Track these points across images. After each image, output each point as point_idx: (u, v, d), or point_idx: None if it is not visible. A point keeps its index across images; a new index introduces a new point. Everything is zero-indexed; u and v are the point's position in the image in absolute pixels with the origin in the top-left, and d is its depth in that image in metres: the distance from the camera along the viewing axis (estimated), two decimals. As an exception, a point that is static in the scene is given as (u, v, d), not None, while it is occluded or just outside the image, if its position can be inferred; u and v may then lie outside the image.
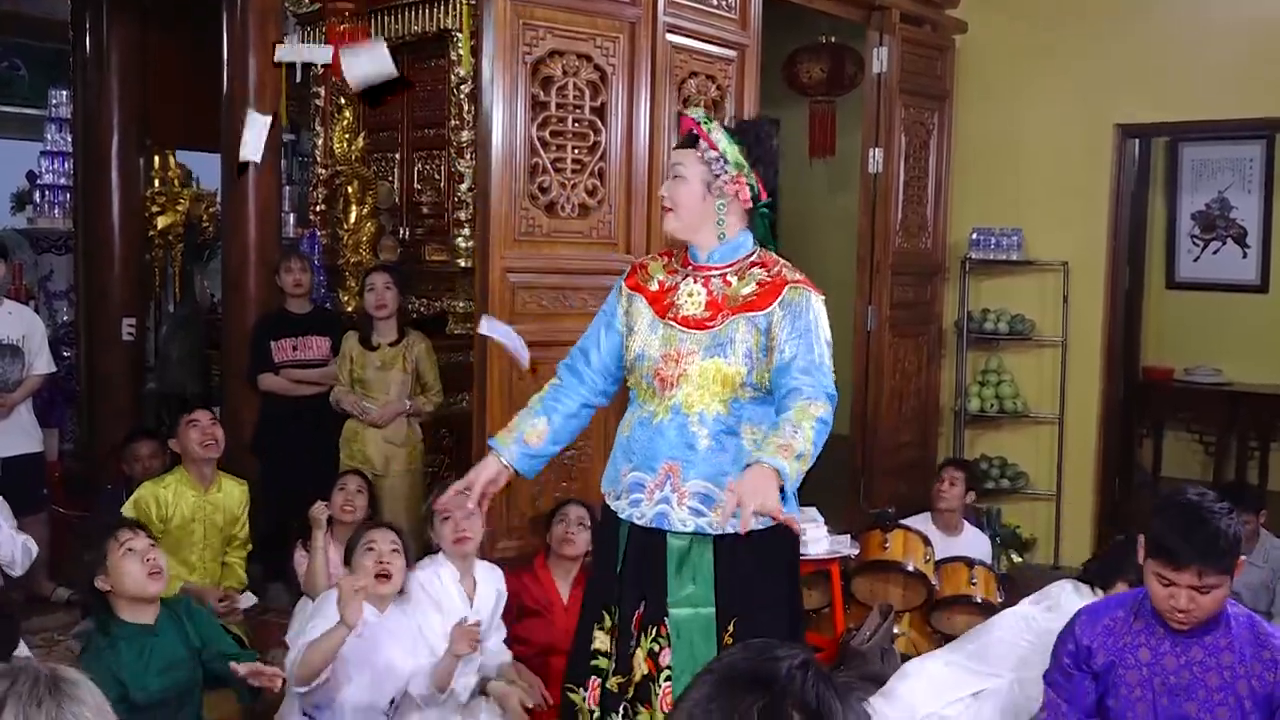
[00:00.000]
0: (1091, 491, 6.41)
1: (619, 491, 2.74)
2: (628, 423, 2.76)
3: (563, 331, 4.34)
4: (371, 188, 5.66)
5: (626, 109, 4.48)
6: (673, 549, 2.65)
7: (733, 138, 2.64)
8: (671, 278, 2.76)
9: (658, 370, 2.66)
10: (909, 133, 6.23)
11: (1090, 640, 2.63)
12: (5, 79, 9.67)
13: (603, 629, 2.76)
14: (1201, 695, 2.50)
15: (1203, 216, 7.91)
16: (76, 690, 1.47)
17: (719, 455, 2.60)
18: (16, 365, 4.97)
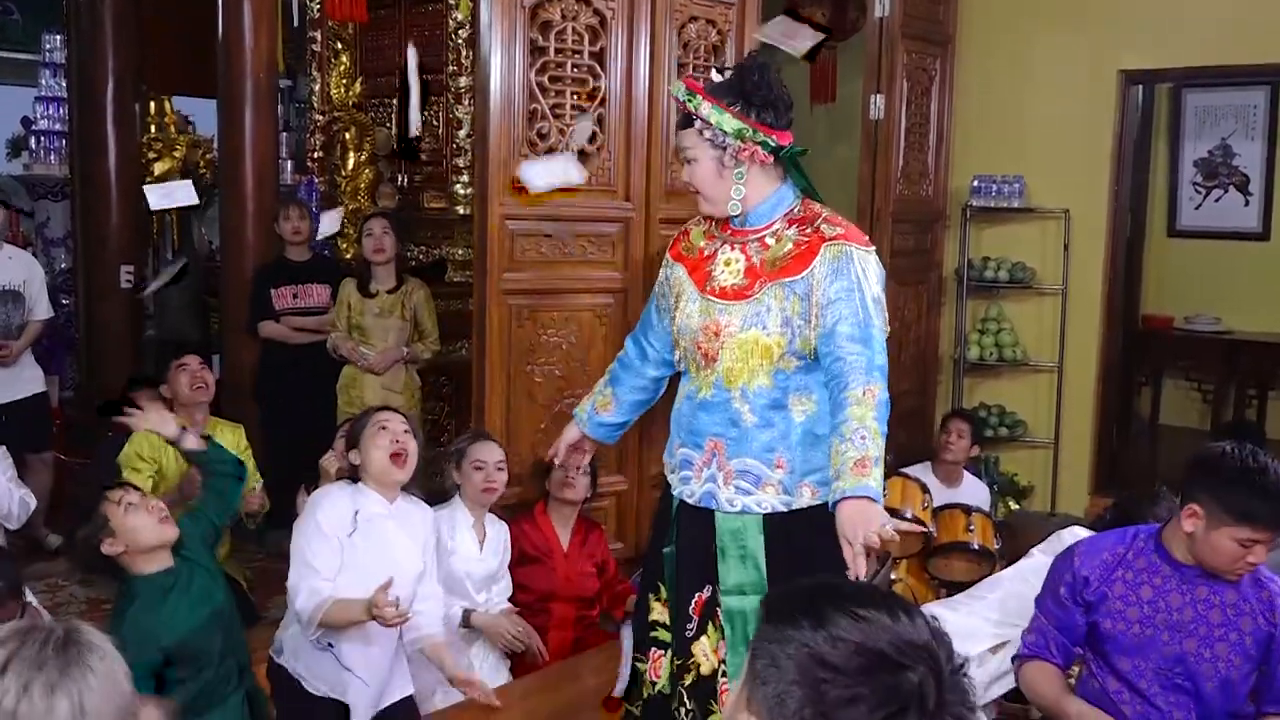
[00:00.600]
0: (1089, 440, 6.42)
1: (672, 466, 2.67)
2: (680, 395, 2.69)
3: (561, 279, 4.35)
4: (369, 134, 5.63)
5: (626, 54, 4.43)
6: (722, 529, 2.55)
7: (720, 103, 2.46)
8: (711, 244, 2.64)
9: (698, 344, 2.56)
10: (911, 79, 6.17)
11: (1089, 572, 2.64)
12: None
13: (659, 600, 2.70)
14: (1203, 632, 2.53)
15: (1205, 164, 7.87)
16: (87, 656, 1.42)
17: (765, 432, 2.50)
18: (18, 311, 5.02)
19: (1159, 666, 2.57)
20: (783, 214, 2.55)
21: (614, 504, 4.63)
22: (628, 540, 4.65)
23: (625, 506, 4.65)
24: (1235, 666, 2.51)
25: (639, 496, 4.65)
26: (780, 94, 2.52)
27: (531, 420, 4.35)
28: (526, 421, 4.33)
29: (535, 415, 4.36)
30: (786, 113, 2.53)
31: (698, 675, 2.57)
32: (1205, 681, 2.53)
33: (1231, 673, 2.52)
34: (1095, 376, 6.40)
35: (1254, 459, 2.47)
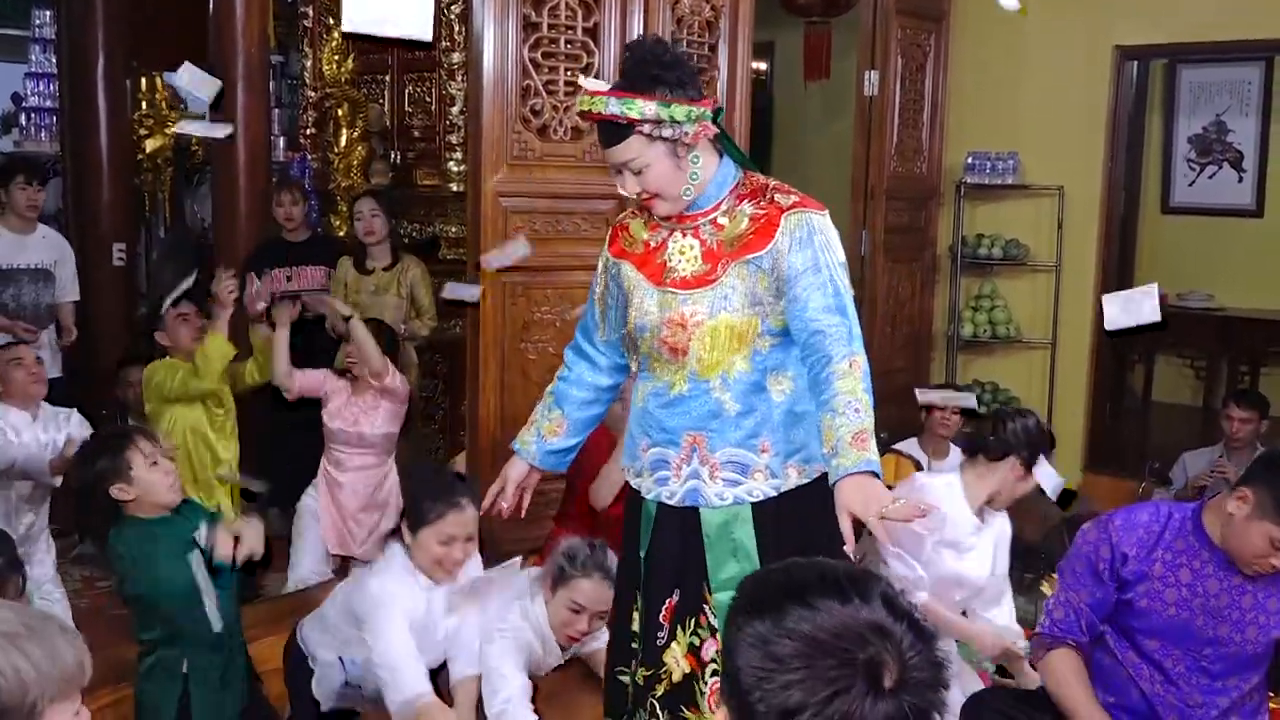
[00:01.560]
0: (1083, 416, 6.43)
1: (639, 469, 2.51)
2: (640, 395, 2.51)
3: (555, 256, 4.33)
4: (362, 111, 5.60)
5: (620, 30, 4.40)
6: (709, 524, 2.41)
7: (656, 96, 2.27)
8: (656, 234, 2.47)
9: (663, 339, 2.40)
10: (905, 55, 6.15)
11: (1128, 548, 2.59)
12: (-13, -1, 9.49)
13: (637, 609, 2.55)
14: (1235, 617, 2.53)
15: (1199, 140, 7.85)
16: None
17: (748, 418, 2.38)
18: (49, 290, 5.07)
19: (1190, 649, 2.56)
20: (729, 190, 2.41)
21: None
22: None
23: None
24: (1260, 644, 2.54)
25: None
26: (688, 63, 2.39)
27: (526, 398, 4.33)
28: (521, 399, 4.32)
29: (529, 393, 4.34)
30: (699, 79, 2.40)
31: (670, 684, 2.45)
32: (1231, 661, 2.54)
33: (1259, 649, 2.55)
34: (1088, 353, 6.41)
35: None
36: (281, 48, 7.09)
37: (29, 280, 5.02)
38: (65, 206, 6.98)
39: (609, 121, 2.30)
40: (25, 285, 5.01)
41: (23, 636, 1.39)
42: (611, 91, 2.30)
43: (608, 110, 2.27)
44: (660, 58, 2.30)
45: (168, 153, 7.39)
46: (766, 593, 1.26)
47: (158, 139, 7.35)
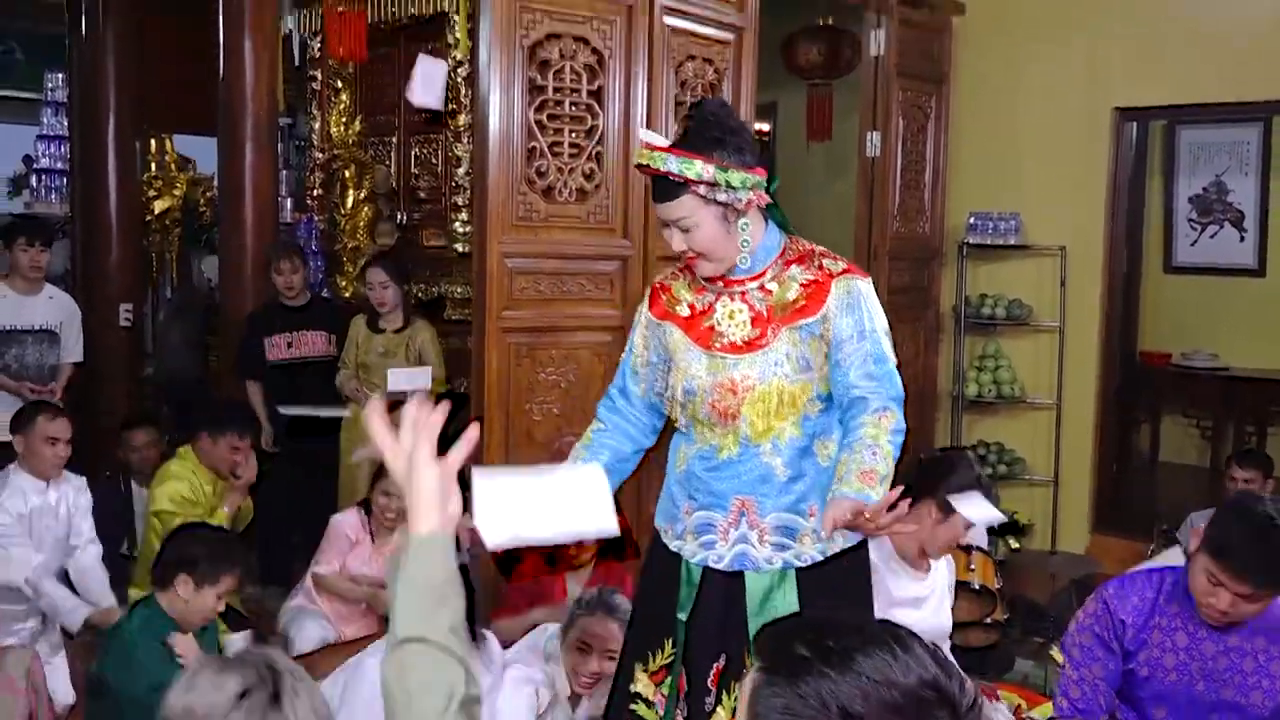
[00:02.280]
0: (1089, 476, 6.37)
1: (681, 531, 2.47)
2: (683, 456, 2.49)
3: (560, 317, 4.32)
4: (369, 172, 5.62)
5: (624, 92, 4.43)
6: (753, 591, 2.39)
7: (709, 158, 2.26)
8: (702, 297, 2.45)
9: (713, 404, 2.38)
10: (906, 116, 6.18)
11: (1125, 616, 2.56)
12: (1, 63, 9.61)
13: (646, 671, 2.50)
14: (1238, 681, 2.48)
15: (1200, 200, 7.87)
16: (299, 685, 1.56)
17: (797, 483, 2.38)
18: (53, 352, 5.08)
19: (1196, 715, 2.51)
20: (777, 255, 2.41)
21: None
22: (626, 579, 4.60)
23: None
24: (1268, 708, 2.47)
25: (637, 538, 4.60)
26: (749, 130, 2.43)
27: (531, 458, 4.31)
28: (526, 459, 4.28)
29: (534, 454, 4.32)
30: (758, 148, 2.41)
31: None
32: None
33: (1265, 712, 2.48)
34: (1094, 413, 6.37)
35: (1270, 515, 2.36)
36: (290, 110, 7.16)
37: (33, 341, 5.02)
38: (73, 267, 7.01)
39: (664, 178, 2.29)
40: (29, 346, 5.01)
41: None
42: (671, 149, 2.29)
43: (665, 167, 2.27)
44: (724, 122, 2.31)
45: (176, 214, 7.44)
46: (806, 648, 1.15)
47: (166, 200, 7.40)
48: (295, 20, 5.86)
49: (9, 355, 4.95)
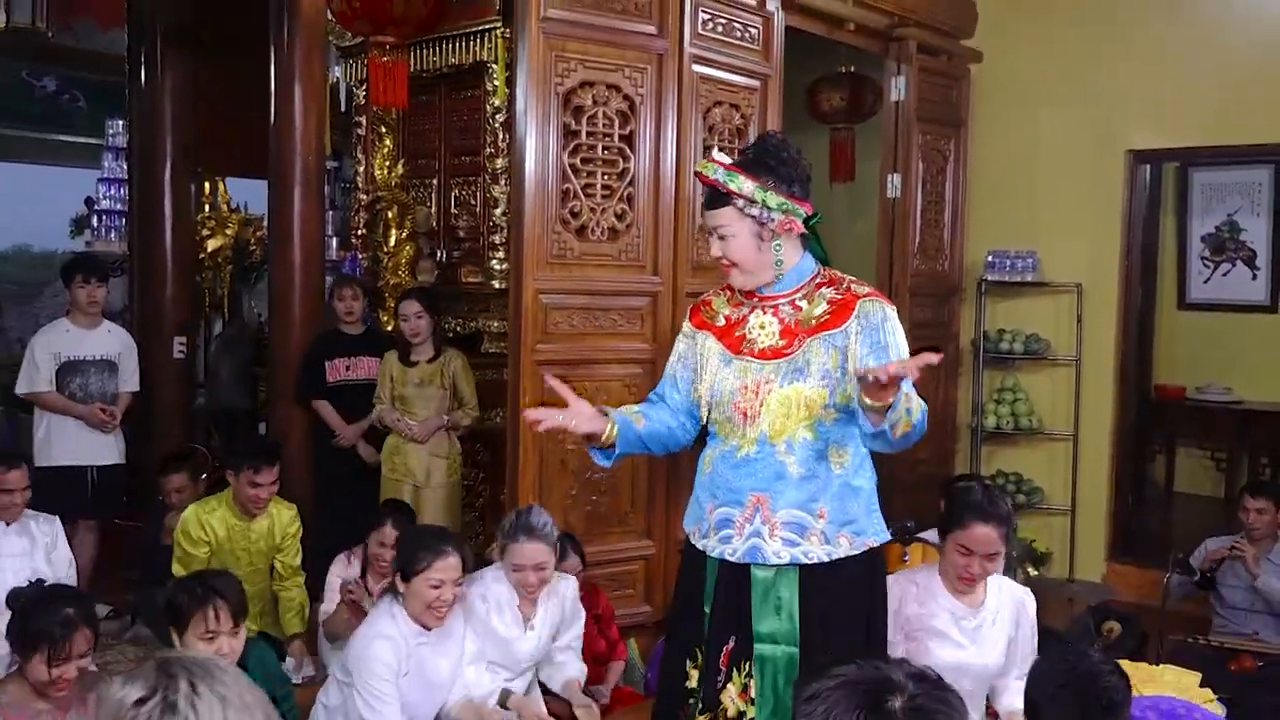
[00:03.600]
0: (1105, 506, 6.33)
1: (705, 530, 2.62)
2: (708, 460, 2.65)
3: (593, 350, 4.36)
4: (410, 212, 5.68)
5: (654, 136, 4.48)
6: (757, 581, 2.53)
7: (757, 179, 2.48)
8: (738, 310, 2.65)
9: (736, 404, 2.55)
10: (926, 159, 6.20)
11: None
12: (66, 110, 9.80)
13: (696, 666, 2.63)
14: None
15: (1213, 239, 7.83)
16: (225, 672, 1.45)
17: (810, 483, 2.50)
18: (113, 381, 5.21)
19: None
20: (808, 279, 2.58)
21: (642, 569, 4.59)
22: (655, 603, 4.60)
23: (654, 570, 4.61)
24: None
25: (667, 560, 4.60)
26: (803, 167, 2.57)
27: (562, 487, 4.34)
28: (558, 489, 4.32)
29: (566, 482, 4.35)
30: (808, 183, 2.58)
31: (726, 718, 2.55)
32: None
33: None
34: (1110, 445, 6.33)
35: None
36: (336, 154, 7.26)
37: (95, 370, 5.13)
38: (131, 302, 7.12)
39: (713, 188, 2.51)
40: (92, 375, 5.12)
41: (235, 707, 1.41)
42: (727, 165, 2.52)
43: (714, 176, 2.50)
44: (777, 153, 2.53)
45: (227, 252, 7.54)
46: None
47: (218, 239, 7.50)
48: (342, 69, 5.96)
49: (74, 384, 5.08)
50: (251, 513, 4.27)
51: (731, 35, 4.78)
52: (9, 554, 4.03)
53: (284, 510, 4.38)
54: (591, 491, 4.40)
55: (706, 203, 2.58)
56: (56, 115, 9.75)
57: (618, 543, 4.43)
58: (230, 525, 4.25)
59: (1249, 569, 4.65)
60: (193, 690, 1.38)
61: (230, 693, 1.41)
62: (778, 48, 4.96)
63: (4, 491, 4.09)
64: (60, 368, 5.05)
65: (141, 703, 1.37)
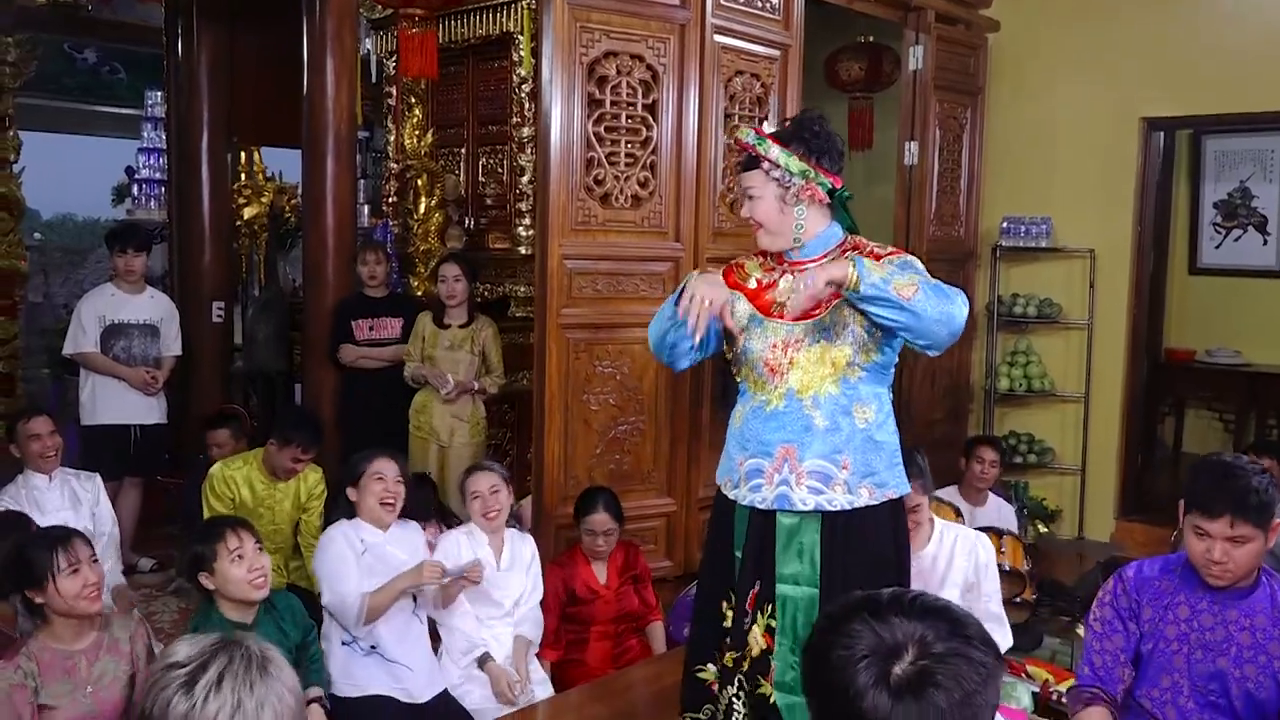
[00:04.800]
0: (1115, 466, 6.31)
1: (736, 480, 2.69)
2: (739, 415, 2.72)
3: (616, 314, 4.37)
4: (439, 181, 5.69)
5: (676, 106, 4.46)
6: (782, 527, 2.60)
7: (787, 147, 2.58)
8: (769, 275, 2.72)
9: (766, 360, 2.63)
10: (943, 127, 6.15)
11: (1138, 595, 2.60)
12: (106, 82, 9.84)
13: (730, 606, 2.70)
14: (1234, 652, 2.47)
15: (1225, 205, 7.73)
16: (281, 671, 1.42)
17: (834, 435, 2.57)
18: (155, 345, 5.24)
19: (1195, 684, 2.50)
20: (834, 247, 2.66)
21: (664, 525, 4.62)
22: (676, 558, 4.64)
23: (675, 526, 4.64)
24: (1264, 687, 2.44)
25: (687, 517, 4.64)
26: (835, 143, 2.65)
27: (587, 445, 4.36)
28: (582, 446, 4.35)
29: (590, 441, 4.37)
30: (839, 159, 2.66)
31: (750, 658, 2.63)
32: (1237, 700, 2.46)
33: (1261, 693, 2.45)
34: (1120, 406, 6.30)
35: (1230, 459, 2.48)
36: (367, 124, 7.26)
37: (139, 334, 5.17)
38: (171, 268, 7.17)
39: (747, 151, 2.64)
40: (135, 338, 5.16)
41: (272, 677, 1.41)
42: (763, 133, 2.63)
43: (747, 140, 2.63)
44: (810, 126, 2.62)
45: (263, 219, 7.56)
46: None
47: (254, 207, 7.52)
48: (372, 41, 5.95)
49: (118, 346, 5.12)
50: (281, 478, 4.30)
51: (752, 6, 4.74)
52: (52, 509, 4.05)
53: (310, 473, 4.36)
54: (615, 450, 4.43)
55: (742, 166, 2.68)
56: (97, 87, 9.79)
57: (640, 499, 4.45)
58: (255, 486, 4.28)
59: None
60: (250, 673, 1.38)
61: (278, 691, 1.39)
62: (798, 18, 4.92)
63: (32, 438, 4.14)
64: (105, 331, 5.10)
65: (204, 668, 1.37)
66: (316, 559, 3.46)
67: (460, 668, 3.55)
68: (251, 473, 4.29)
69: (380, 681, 3.34)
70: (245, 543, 2.91)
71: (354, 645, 3.37)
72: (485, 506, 3.64)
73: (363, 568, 3.35)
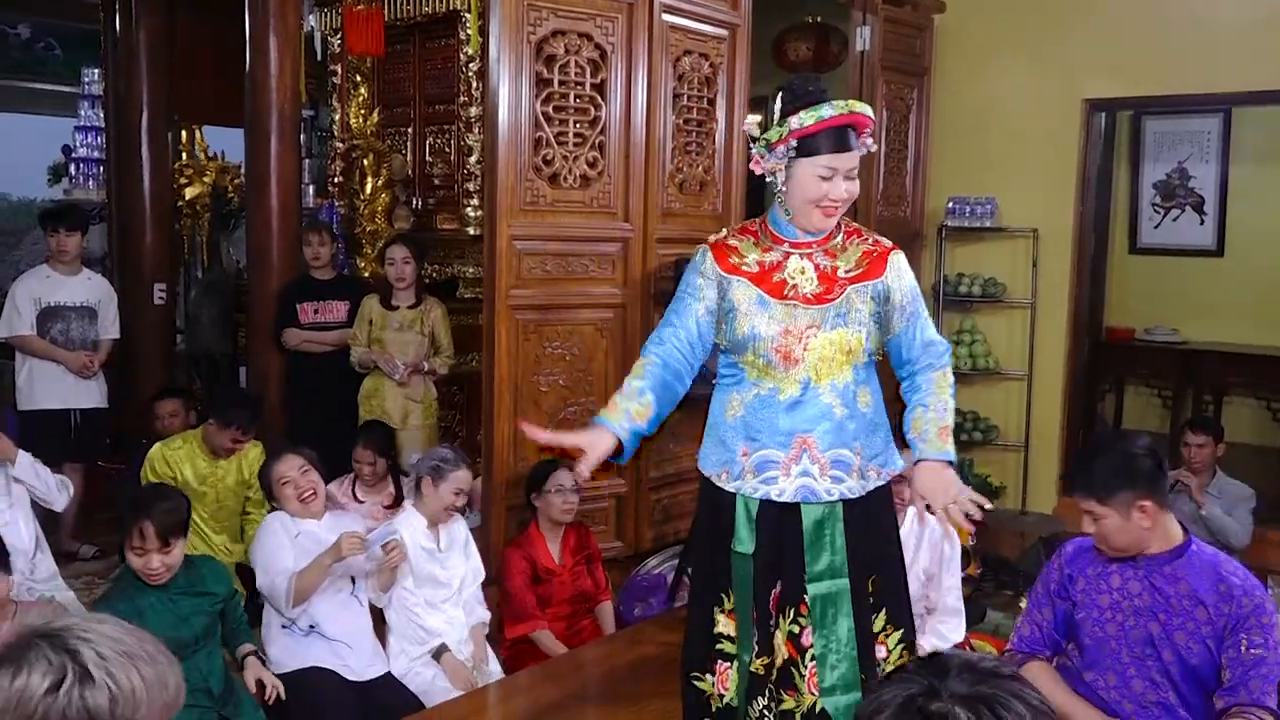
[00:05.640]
0: (1057, 443, 6.41)
1: (739, 472, 2.52)
2: (736, 403, 2.54)
3: (565, 295, 4.34)
4: (386, 160, 5.61)
5: (625, 85, 4.43)
6: (809, 521, 2.49)
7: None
8: (770, 255, 2.53)
9: (777, 347, 2.47)
10: (890, 107, 6.17)
11: (1073, 569, 2.68)
12: (41, 58, 9.58)
13: (723, 612, 2.58)
14: (1163, 618, 2.53)
15: (1164, 185, 7.86)
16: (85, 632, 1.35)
17: (850, 422, 2.49)
18: (93, 327, 5.13)
19: (1130, 650, 2.56)
20: (832, 228, 2.55)
21: (613, 506, 4.61)
22: (626, 539, 4.64)
23: (625, 507, 4.63)
24: (1194, 653, 2.50)
25: (638, 498, 4.64)
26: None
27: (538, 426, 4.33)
28: (533, 427, 4.32)
29: (541, 422, 4.33)
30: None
31: (775, 667, 2.50)
32: (1171, 666, 2.52)
33: (1192, 659, 2.50)
34: (1062, 384, 6.40)
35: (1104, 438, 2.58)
36: (312, 103, 7.14)
37: (76, 316, 5.06)
38: (110, 249, 7.02)
39: (849, 129, 2.46)
40: (73, 321, 5.05)
41: (141, 659, 1.35)
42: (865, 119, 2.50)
43: (864, 111, 2.47)
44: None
45: (205, 200, 7.42)
46: None
47: (196, 187, 7.38)
48: (317, 18, 5.84)
49: (55, 329, 5.01)
50: (222, 456, 4.32)
51: (700, -15, 4.72)
52: None
53: (252, 449, 4.41)
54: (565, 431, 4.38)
55: (839, 145, 2.45)
56: (32, 63, 9.53)
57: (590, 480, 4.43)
58: (198, 464, 4.30)
59: (1194, 499, 4.73)
60: (99, 656, 1.31)
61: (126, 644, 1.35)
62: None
63: None
64: (41, 313, 4.98)
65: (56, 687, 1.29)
66: (253, 547, 3.49)
67: (412, 659, 3.53)
68: (193, 451, 4.30)
69: (322, 659, 3.38)
70: (148, 544, 2.92)
71: (293, 627, 3.40)
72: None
73: (297, 550, 3.38)
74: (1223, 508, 4.77)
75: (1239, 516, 4.76)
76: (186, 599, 3.03)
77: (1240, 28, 5.62)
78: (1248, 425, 7.28)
